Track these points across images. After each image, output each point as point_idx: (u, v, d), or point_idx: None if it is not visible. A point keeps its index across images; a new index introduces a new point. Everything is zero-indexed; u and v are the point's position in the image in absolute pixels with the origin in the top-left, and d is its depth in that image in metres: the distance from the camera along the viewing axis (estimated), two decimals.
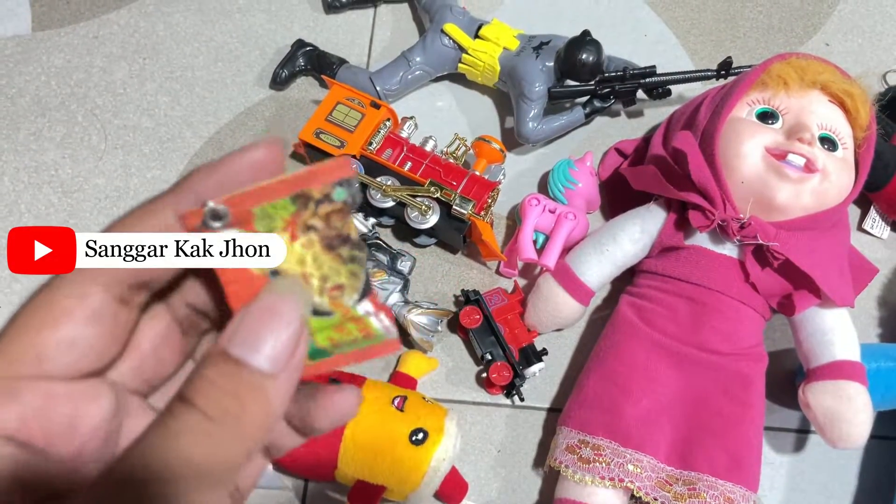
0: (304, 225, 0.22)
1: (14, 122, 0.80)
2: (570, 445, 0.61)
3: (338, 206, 0.22)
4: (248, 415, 0.19)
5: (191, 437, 0.19)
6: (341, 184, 0.22)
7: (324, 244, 0.22)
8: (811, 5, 0.88)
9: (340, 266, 0.22)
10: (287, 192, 0.21)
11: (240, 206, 0.21)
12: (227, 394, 0.19)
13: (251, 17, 0.86)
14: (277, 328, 0.20)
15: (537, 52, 0.74)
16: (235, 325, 0.20)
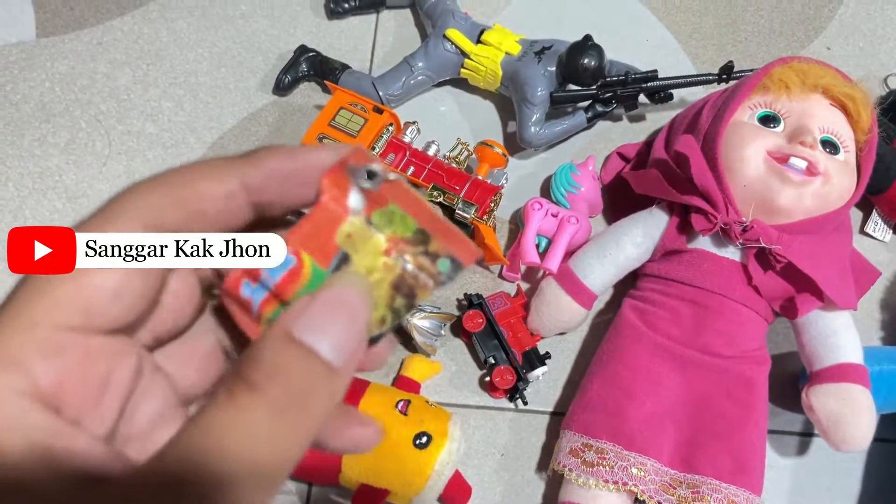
0: (402, 254, 0.22)
1: (18, 128, 0.80)
2: (574, 449, 0.61)
3: (433, 272, 0.22)
4: (313, 409, 0.18)
5: (256, 430, 0.17)
6: (454, 262, 0.22)
7: (395, 280, 0.22)
8: (812, 9, 0.89)
9: (388, 304, 0.22)
10: (421, 221, 0.22)
11: (384, 191, 0.21)
12: (298, 384, 0.18)
13: (254, 23, 0.86)
14: (349, 320, 0.19)
15: (539, 56, 0.74)
16: (304, 309, 0.19)
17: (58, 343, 0.18)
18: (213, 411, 0.17)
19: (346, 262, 0.21)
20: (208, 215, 0.20)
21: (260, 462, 0.17)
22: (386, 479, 0.59)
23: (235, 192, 0.20)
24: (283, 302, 0.21)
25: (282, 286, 0.21)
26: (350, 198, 0.21)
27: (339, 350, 0.19)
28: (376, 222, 0.21)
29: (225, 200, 0.20)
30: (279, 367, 0.18)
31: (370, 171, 0.21)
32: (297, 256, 0.21)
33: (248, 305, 0.21)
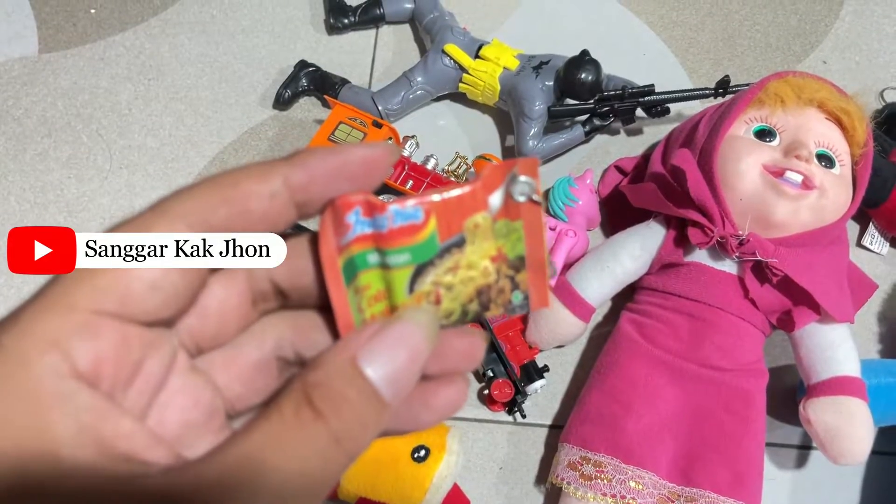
0: (499, 269, 0.22)
1: (20, 142, 0.81)
2: (572, 462, 0.61)
3: (508, 298, 0.23)
4: (362, 440, 0.19)
5: (313, 454, 0.18)
6: (525, 300, 0.23)
7: (482, 286, 0.22)
8: (808, 24, 0.89)
9: (463, 303, 0.22)
10: (527, 251, 0.22)
11: (522, 208, 0.22)
12: (357, 418, 0.19)
13: (255, 38, 0.87)
14: (409, 360, 0.20)
15: (537, 71, 0.75)
16: (372, 337, 0.19)
17: (95, 326, 0.18)
18: (278, 427, 0.18)
19: (460, 247, 0.22)
20: (253, 214, 0.20)
21: (307, 485, 0.18)
22: (384, 492, 0.59)
23: (279, 191, 0.20)
24: (378, 248, 0.21)
25: (391, 234, 0.21)
26: (494, 196, 0.21)
27: (394, 387, 0.19)
28: (498, 229, 0.22)
29: (269, 199, 0.20)
30: (343, 398, 0.18)
31: (526, 184, 0.21)
32: (426, 216, 0.21)
33: (345, 230, 0.21)
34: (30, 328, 0.17)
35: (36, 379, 0.17)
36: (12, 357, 0.17)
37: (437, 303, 0.22)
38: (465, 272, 0.22)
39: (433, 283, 0.22)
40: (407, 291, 0.22)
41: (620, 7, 0.90)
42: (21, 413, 0.17)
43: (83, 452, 0.17)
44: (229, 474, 0.17)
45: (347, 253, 0.21)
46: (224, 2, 0.89)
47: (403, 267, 0.21)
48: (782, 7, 0.90)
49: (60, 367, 0.17)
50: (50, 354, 0.17)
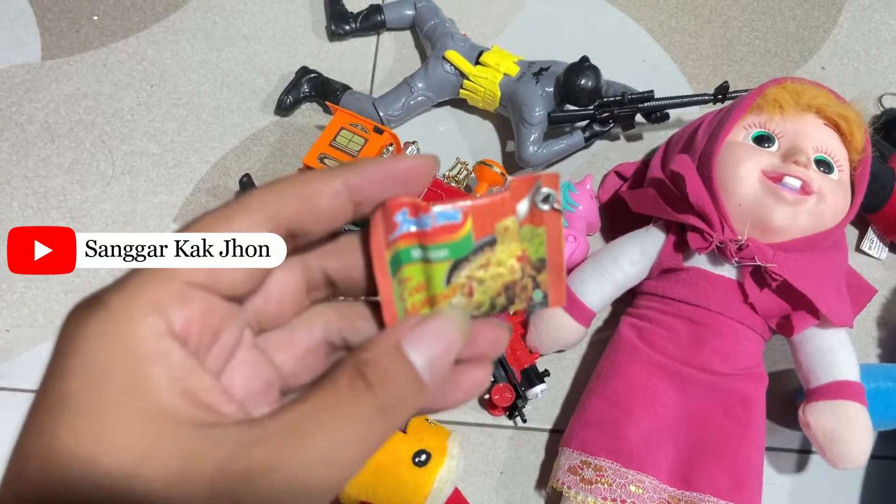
0: (524, 268, 0.25)
1: (23, 148, 0.81)
2: (573, 466, 0.61)
3: (529, 295, 0.26)
4: (401, 415, 0.21)
5: (362, 422, 0.20)
6: (545, 298, 0.26)
7: (509, 283, 0.25)
8: (807, 30, 0.90)
9: (492, 296, 0.25)
10: (548, 255, 0.25)
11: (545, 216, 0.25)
12: (399, 392, 0.21)
13: (256, 45, 0.88)
14: (445, 349, 0.22)
15: (537, 77, 0.75)
16: (414, 327, 0.22)
17: (188, 295, 0.21)
18: (333, 395, 0.21)
19: (492, 246, 0.25)
20: (319, 210, 0.23)
21: (355, 449, 0.20)
22: (385, 497, 0.59)
23: (340, 191, 0.23)
24: (421, 244, 0.24)
25: (433, 232, 0.24)
26: (521, 204, 0.25)
27: (432, 371, 0.22)
28: (523, 233, 0.25)
29: (332, 197, 0.23)
30: (389, 374, 0.21)
31: (548, 195, 0.24)
32: (464, 217, 0.24)
33: (393, 228, 0.24)
34: (135, 293, 0.20)
35: (139, 336, 0.20)
36: (119, 316, 0.20)
37: (469, 295, 0.25)
38: (494, 269, 0.25)
39: (467, 276, 0.25)
40: (445, 283, 0.24)
41: (620, 13, 0.91)
42: (125, 364, 0.19)
43: (174, 399, 0.19)
44: (291, 430, 0.20)
45: (394, 248, 0.24)
46: (226, 9, 0.90)
47: (443, 261, 0.24)
48: (781, 13, 0.91)
49: (159, 327, 0.20)
50: (151, 316, 0.20)
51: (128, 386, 0.19)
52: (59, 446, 0.18)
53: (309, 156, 0.71)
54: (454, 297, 0.25)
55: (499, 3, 0.91)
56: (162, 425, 0.19)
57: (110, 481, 0.18)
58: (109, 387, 0.19)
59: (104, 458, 0.18)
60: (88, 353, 0.19)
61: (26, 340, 0.72)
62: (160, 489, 0.18)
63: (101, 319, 0.20)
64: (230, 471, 0.19)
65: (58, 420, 0.19)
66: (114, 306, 0.20)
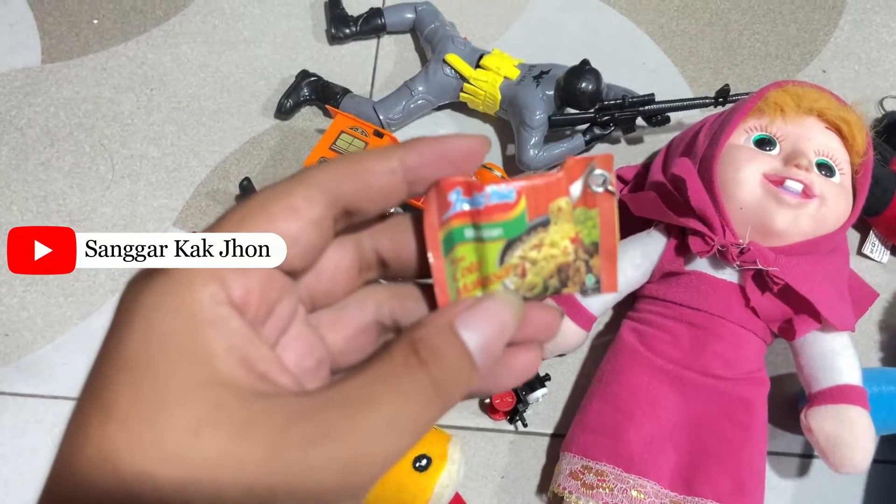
0: (577, 251, 0.25)
1: (23, 152, 0.81)
2: (574, 471, 0.61)
3: (582, 279, 0.25)
4: (453, 394, 0.21)
5: (415, 396, 0.21)
6: (597, 283, 0.25)
7: (562, 264, 0.25)
8: (808, 33, 0.90)
9: (545, 277, 0.25)
10: (601, 239, 0.25)
11: (598, 198, 0.24)
12: (451, 371, 0.21)
13: (257, 49, 0.88)
14: (498, 331, 0.23)
15: (537, 80, 0.75)
16: (468, 307, 0.23)
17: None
18: (389, 368, 0.21)
19: (545, 226, 0.24)
20: (373, 188, 0.23)
21: (410, 423, 0.20)
22: (386, 502, 0.59)
23: (396, 169, 0.23)
24: (475, 223, 0.24)
25: (487, 211, 0.24)
26: (575, 185, 0.24)
27: (484, 353, 0.22)
28: (577, 215, 0.25)
29: (388, 175, 0.23)
30: (442, 352, 0.21)
31: (602, 177, 0.24)
32: (517, 196, 0.24)
33: (447, 207, 0.24)
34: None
35: (199, 302, 0.20)
36: (181, 283, 0.20)
37: (522, 275, 0.25)
38: (548, 249, 0.25)
39: (520, 257, 0.24)
40: (498, 263, 0.24)
41: (620, 17, 0.90)
42: (185, 330, 0.20)
43: (232, 366, 0.20)
44: (348, 401, 0.20)
45: (447, 227, 0.24)
46: (226, 12, 0.90)
47: (496, 240, 0.24)
48: (781, 17, 0.91)
49: (219, 295, 0.20)
50: (211, 284, 0.20)
51: (187, 351, 0.19)
52: (120, 412, 0.18)
53: (309, 159, 0.71)
54: (507, 277, 0.24)
55: (499, 7, 0.91)
56: (221, 392, 0.19)
57: (169, 447, 0.18)
58: (169, 351, 0.19)
59: (164, 422, 0.18)
60: (148, 317, 0.20)
61: (26, 344, 0.72)
62: (214, 455, 0.18)
63: (162, 286, 0.20)
64: (287, 439, 0.19)
65: (117, 385, 0.19)
66: (175, 272, 0.20)
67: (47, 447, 0.69)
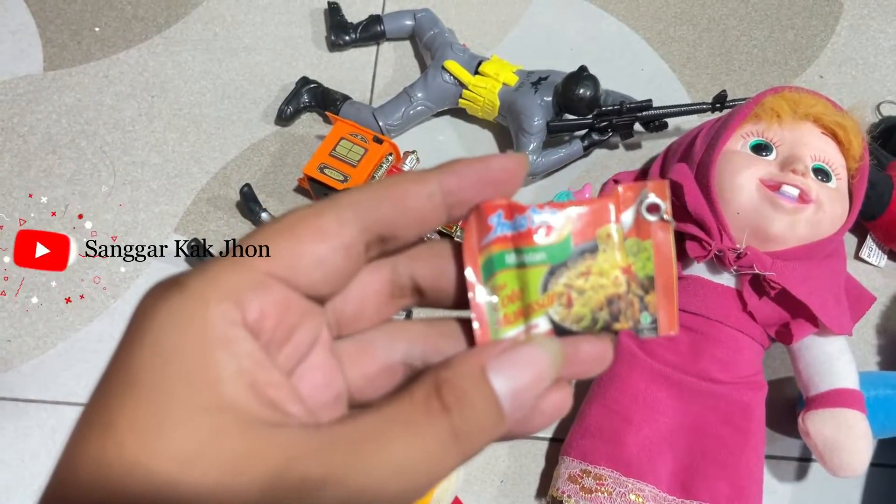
0: (629, 284, 0.23)
1: (25, 159, 0.82)
2: (573, 475, 0.61)
3: (636, 317, 0.23)
4: (475, 445, 0.20)
5: (433, 444, 0.19)
6: (654, 323, 0.23)
7: (612, 296, 0.23)
8: (804, 39, 0.90)
9: (593, 310, 0.23)
10: (657, 273, 0.23)
11: (651, 227, 0.23)
12: (476, 420, 0.20)
13: (257, 56, 0.88)
14: (533, 381, 0.21)
15: (536, 87, 0.76)
16: (503, 352, 0.21)
17: (265, 285, 0.20)
18: (408, 409, 0.20)
19: (593, 253, 0.23)
20: (411, 212, 0.22)
21: (424, 470, 0.19)
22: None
23: (435, 193, 0.22)
24: (516, 248, 0.23)
25: (528, 235, 0.22)
26: (626, 213, 0.23)
27: (514, 402, 0.20)
28: (629, 246, 0.23)
29: (427, 199, 0.22)
30: (469, 398, 0.20)
31: (656, 204, 0.22)
32: (563, 221, 0.23)
33: (487, 231, 0.23)
34: (213, 277, 0.20)
35: (210, 321, 0.19)
36: (194, 299, 0.19)
37: (568, 305, 0.23)
38: (596, 279, 0.23)
39: (565, 284, 0.23)
40: (541, 290, 0.23)
41: (618, 23, 0.91)
42: (193, 349, 0.19)
43: (239, 391, 0.19)
44: (358, 440, 0.19)
45: (487, 252, 0.23)
46: (227, 20, 0.90)
47: (539, 265, 0.23)
48: (779, 22, 0.91)
49: (233, 315, 0.19)
50: (225, 303, 0.19)
51: (193, 372, 0.19)
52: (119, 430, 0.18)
53: (309, 166, 0.72)
54: (551, 306, 0.23)
55: (498, 14, 0.91)
56: (222, 419, 0.18)
57: (162, 474, 0.17)
58: (174, 371, 0.18)
59: (160, 447, 0.18)
60: (157, 333, 0.19)
61: (27, 350, 0.73)
62: (206, 488, 0.17)
63: (175, 301, 0.19)
64: (283, 480, 0.18)
65: (119, 401, 0.18)
66: (190, 288, 0.20)
67: (48, 453, 0.69)
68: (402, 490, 0.19)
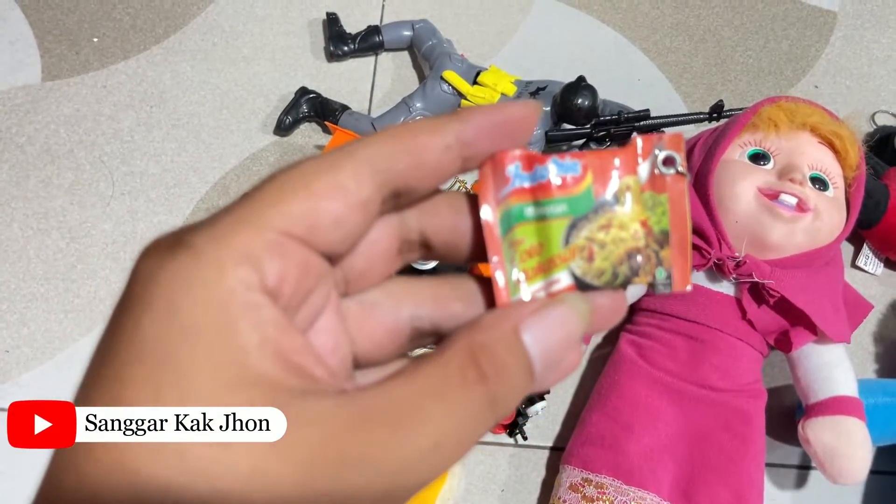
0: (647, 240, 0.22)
1: (24, 169, 0.82)
2: (574, 484, 0.61)
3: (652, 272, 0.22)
4: (508, 407, 0.19)
5: (470, 413, 0.19)
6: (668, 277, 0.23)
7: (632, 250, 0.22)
8: (800, 49, 0.91)
9: (613, 263, 0.22)
10: (672, 227, 0.22)
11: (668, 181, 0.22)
12: (511, 385, 0.19)
13: (256, 66, 0.88)
14: (564, 341, 0.21)
15: (534, 97, 0.76)
16: (535, 312, 0.20)
17: (283, 246, 0.19)
18: (442, 380, 0.19)
19: (612, 206, 0.22)
20: (427, 165, 0.21)
21: (458, 440, 0.18)
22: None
23: (452, 145, 0.21)
24: (535, 200, 0.22)
25: (548, 186, 0.22)
26: (642, 166, 0.22)
27: (545, 363, 0.20)
28: (645, 200, 0.22)
29: (443, 151, 0.21)
30: (506, 366, 0.19)
31: (671, 157, 0.22)
32: (584, 170, 0.22)
33: (504, 183, 0.22)
34: (227, 239, 0.18)
35: (229, 288, 0.17)
36: (210, 264, 0.18)
37: (590, 259, 0.22)
38: (616, 231, 0.22)
39: (587, 238, 0.22)
40: (563, 243, 0.22)
41: (615, 33, 0.92)
42: (214, 319, 0.17)
43: (265, 362, 0.18)
44: (395, 415, 0.18)
45: (505, 205, 0.22)
46: (225, 30, 0.91)
47: (560, 217, 0.22)
48: (774, 33, 0.92)
49: (251, 280, 0.18)
50: (243, 266, 0.18)
51: (216, 345, 0.17)
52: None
53: None
54: (573, 260, 0.22)
55: (496, 24, 0.92)
56: (253, 394, 0.17)
57: (194, 458, 0.16)
58: (195, 345, 0.17)
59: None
60: (171, 301, 0.17)
61: (26, 361, 0.72)
62: (244, 471, 0.16)
63: (187, 265, 0.17)
64: (323, 459, 0.17)
65: (133, 380, 0.17)
66: (203, 251, 0.18)
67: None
68: (439, 463, 0.18)
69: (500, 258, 0.22)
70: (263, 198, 0.19)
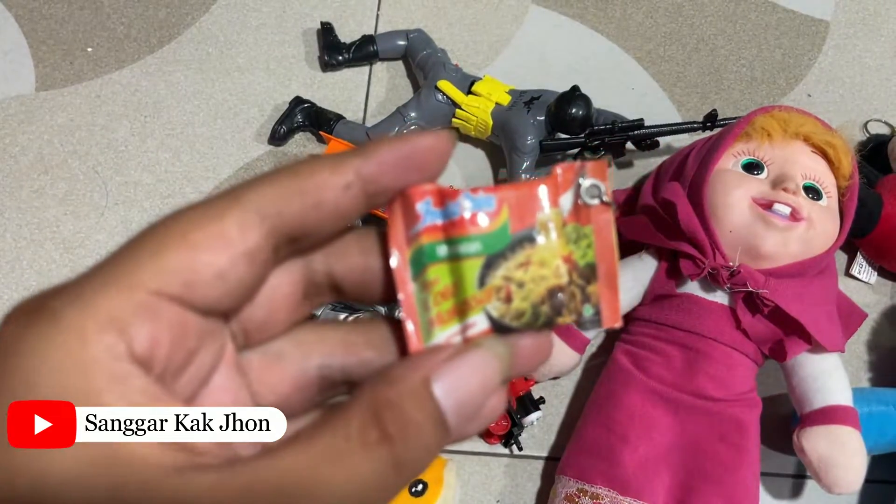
0: (570, 273, 0.21)
1: (17, 179, 0.81)
2: (569, 494, 0.61)
3: (579, 310, 0.21)
4: (419, 466, 0.18)
5: (372, 476, 0.17)
6: (596, 314, 0.22)
7: (554, 287, 0.21)
8: (792, 58, 0.91)
9: (534, 303, 0.21)
10: (598, 260, 0.21)
11: (592, 212, 0.21)
12: (421, 444, 0.18)
13: (250, 76, 0.88)
14: (480, 392, 0.19)
15: (528, 106, 0.76)
16: (448, 361, 0.19)
17: (155, 308, 0.17)
18: (342, 442, 0.17)
19: (532, 241, 0.21)
20: (326, 206, 0.19)
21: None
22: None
23: (352, 182, 0.19)
24: (448, 238, 0.20)
25: (461, 223, 0.20)
26: (565, 196, 0.21)
27: (460, 416, 0.19)
28: (568, 233, 0.21)
29: (342, 190, 0.19)
30: (413, 423, 0.18)
31: (595, 186, 0.21)
32: (498, 205, 0.20)
33: (415, 221, 0.20)
34: (91, 302, 0.17)
35: (92, 358, 0.16)
36: (71, 331, 0.16)
37: (507, 300, 0.21)
38: (536, 269, 0.21)
39: (504, 277, 0.21)
40: (477, 284, 0.20)
41: (609, 43, 0.92)
42: (75, 393, 0.16)
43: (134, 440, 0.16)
44: (286, 482, 0.16)
45: (417, 244, 0.21)
46: (220, 40, 0.91)
47: (474, 257, 0.20)
48: (767, 42, 0.92)
49: (117, 348, 0.17)
50: (108, 333, 0.16)
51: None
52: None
53: None
54: (489, 301, 0.20)
55: (490, 34, 0.92)
56: (118, 473, 0.16)
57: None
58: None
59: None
60: (28, 375, 0.16)
61: None
62: None
63: (47, 333, 0.16)
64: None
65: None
66: (64, 317, 0.16)
67: None
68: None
69: (411, 303, 0.21)
70: (136, 253, 0.17)
